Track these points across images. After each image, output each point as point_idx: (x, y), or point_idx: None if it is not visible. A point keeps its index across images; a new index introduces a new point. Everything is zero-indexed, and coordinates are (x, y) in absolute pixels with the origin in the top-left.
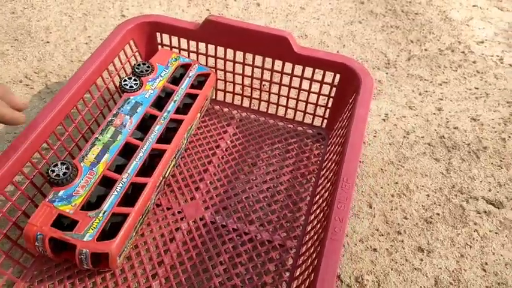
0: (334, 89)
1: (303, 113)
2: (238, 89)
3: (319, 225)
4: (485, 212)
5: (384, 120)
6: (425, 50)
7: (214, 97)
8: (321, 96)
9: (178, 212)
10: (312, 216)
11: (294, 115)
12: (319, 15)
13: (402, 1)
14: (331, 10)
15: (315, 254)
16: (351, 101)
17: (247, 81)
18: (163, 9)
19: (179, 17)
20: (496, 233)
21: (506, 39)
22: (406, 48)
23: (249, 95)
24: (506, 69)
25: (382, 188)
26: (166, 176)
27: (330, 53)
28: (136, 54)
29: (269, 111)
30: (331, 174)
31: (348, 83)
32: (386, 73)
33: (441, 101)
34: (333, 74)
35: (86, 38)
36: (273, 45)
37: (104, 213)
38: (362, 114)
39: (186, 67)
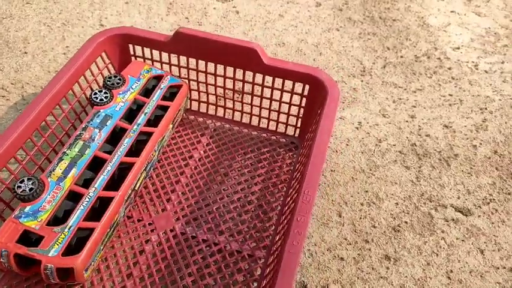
0: (304, 99)
1: (276, 123)
2: (212, 99)
3: (285, 236)
4: (453, 219)
5: (357, 128)
6: (401, 57)
7: (189, 107)
8: (292, 106)
9: (149, 224)
10: (281, 227)
11: (268, 124)
12: (298, 22)
13: (380, 7)
14: (310, 17)
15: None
16: (319, 111)
17: (220, 91)
18: (142, 18)
19: (158, 25)
20: (462, 240)
21: (482, 44)
22: (382, 56)
23: (223, 104)
24: (481, 75)
25: (352, 196)
26: (136, 188)
27: (299, 64)
28: (110, 66)
29: (243, 121)
30: (298, 185)
31: (316, 94)
32: (362, 81)
33: (414, 108)
34: (302, 84)
35: (64, 48)
36: (243, 57)
37: (69, 228)
38: (327, 126)
39: (158, 79)
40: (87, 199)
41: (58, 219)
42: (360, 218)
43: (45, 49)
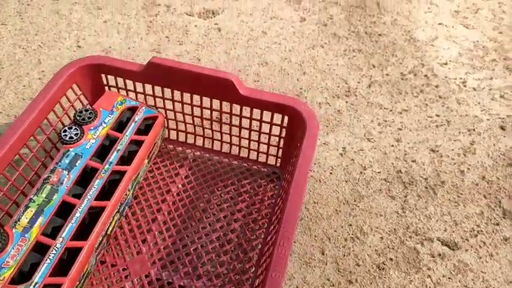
0: (284, 130)
1: (256, 152)
2: (191, 128)
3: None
4: (440, 255)
5: (341, 154)
6: (387, 75)
7: (166, 136)
8: (272, 136)
9: (123, 270)
10: (259, 270)
11: (248, 154)
12: (281, 39)
13: (366, 22)
14: (293, 34)
15: None
16: (298, 145)
17: (198, 121)
18: (121, 38)
19: (137, 45)
20: (449, 278)
21: (470, 59)
22: (367, 74)
23: (202, 134)
24: (469, 93)
25: (335, 231)
26: (109, 232)
27: (277, 95)
28: (82, 97)
29: (223, 150)
30: (278, 225)
31: (296, 126)
32: (346, 102)
33: (400, 131)
34: (281, 115)
35: (40, 72)
36: (219, 88)
37: (34, 285)
38: (304, 165)
39: (133, 110)
40: (54, 251)
41: (23, 275)
42: (344, 255)
43: (20, 74)
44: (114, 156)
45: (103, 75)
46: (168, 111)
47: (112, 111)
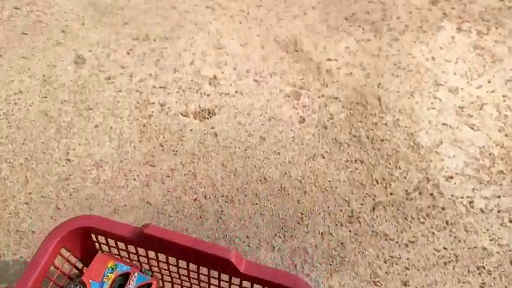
0: None
1: None
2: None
3: None
4: None
5: None
6: (391, 194)
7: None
8: None
9: None
10: None
11: None
12: (280, 147)
13: (368, 122)
14: (293, 140)
15: None
16: None
17: (194, 282)
18: (113, 147)
19: (130, 157)
20: None
21: (476, 171)
22: (370, 193)
23: None
24: (477, 217)
25: None
26: None
27: (279, 272)
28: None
29: None
30: None
31: None
32: (350, 231)
33: (407, 270)
34: None
35: (27, 194)
36: (217, 264)
37: None
38: None
39: (125, 276)
40: None
41: None
42: None
43: (6, 197)
44: None
45: (93, 235)
46: (162, 271)
47: (102, 283)
